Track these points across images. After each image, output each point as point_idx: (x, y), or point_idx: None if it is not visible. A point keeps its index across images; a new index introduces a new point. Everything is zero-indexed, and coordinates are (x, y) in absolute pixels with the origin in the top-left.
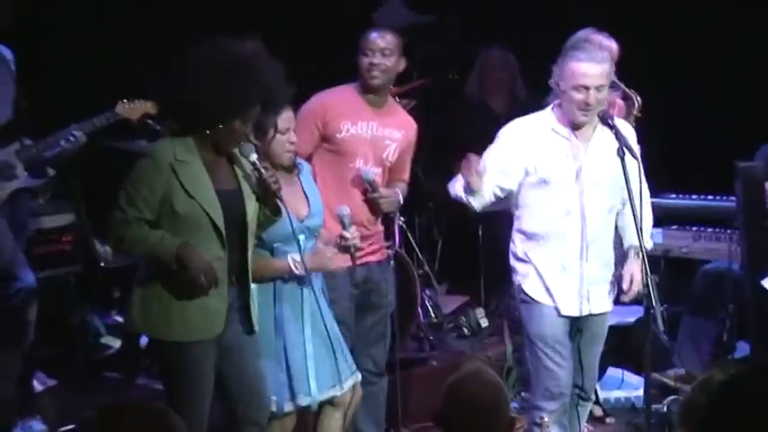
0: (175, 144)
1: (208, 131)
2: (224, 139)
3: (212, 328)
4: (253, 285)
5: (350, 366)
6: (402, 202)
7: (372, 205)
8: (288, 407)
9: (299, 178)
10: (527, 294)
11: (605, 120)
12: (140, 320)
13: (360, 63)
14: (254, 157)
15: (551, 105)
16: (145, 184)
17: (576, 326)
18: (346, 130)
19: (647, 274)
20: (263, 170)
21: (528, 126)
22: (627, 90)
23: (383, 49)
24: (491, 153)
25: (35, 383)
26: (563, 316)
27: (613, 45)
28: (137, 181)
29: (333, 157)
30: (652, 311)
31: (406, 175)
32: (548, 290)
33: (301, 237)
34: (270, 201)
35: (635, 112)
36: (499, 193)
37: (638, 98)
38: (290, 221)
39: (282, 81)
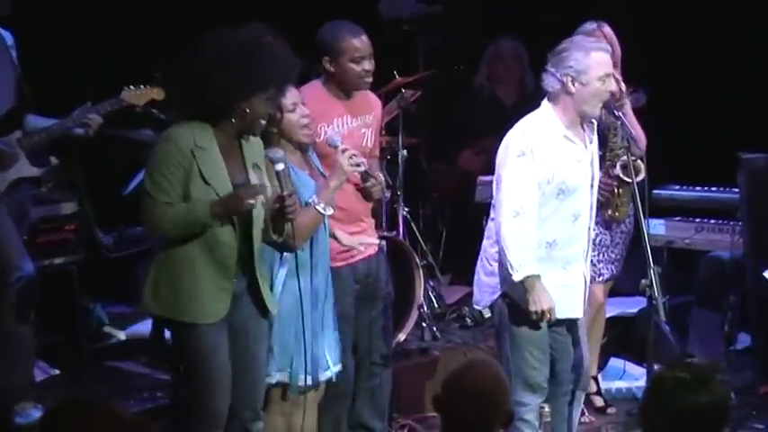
0: (194, 129)
1: (233, 120)
2: (249, 122)
3: (220, 309)
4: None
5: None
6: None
7: (365, 196)
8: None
9: (309, 158)
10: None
11: (611, 110)
12: (150, 301)
13: (347, 69)
14: (280, 166)
15: (547, 105)
16: (169, 169)
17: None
18: (324, 132)
19: (649, 265)
20: (286, 197)
21: (545, 133)
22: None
23: (371, 54)
24: (527, 168)
25: (36, 372)
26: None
27: (614, 37)
28: (161, 166)
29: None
30: (654, 302)
31: (377, 151)
32: None
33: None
34: (279, 222)
35: (635, 104)
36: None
37: (637, 91)
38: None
39: (292, 57)
